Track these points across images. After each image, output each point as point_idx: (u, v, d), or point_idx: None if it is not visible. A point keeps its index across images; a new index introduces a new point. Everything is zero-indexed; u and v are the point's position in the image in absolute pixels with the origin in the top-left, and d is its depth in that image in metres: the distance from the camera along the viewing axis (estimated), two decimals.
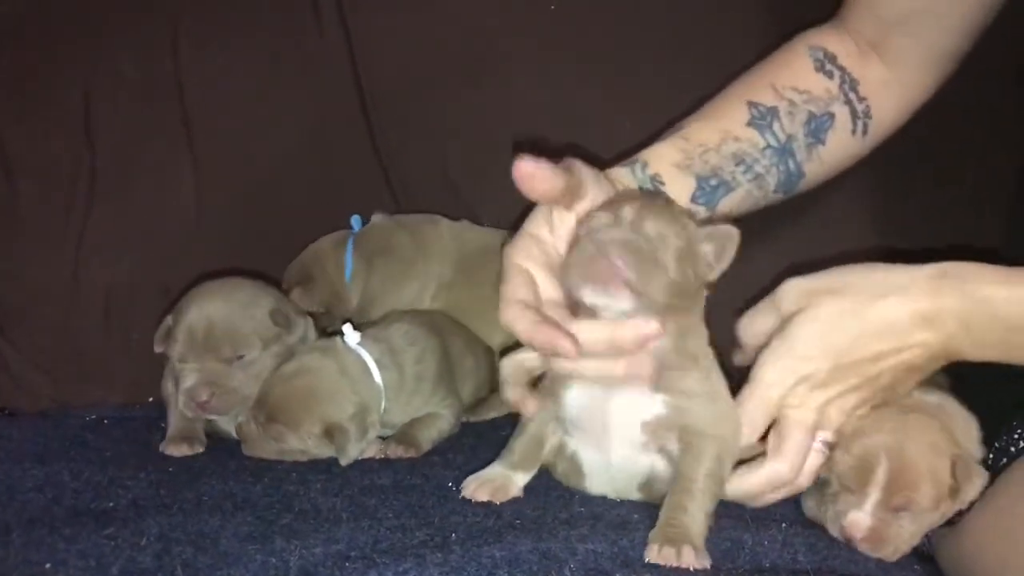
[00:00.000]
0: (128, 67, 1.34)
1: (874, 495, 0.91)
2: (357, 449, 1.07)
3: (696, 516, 0.84)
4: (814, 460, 0.90)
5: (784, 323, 0.89)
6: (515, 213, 1.33)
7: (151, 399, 1.24)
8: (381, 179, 1.37)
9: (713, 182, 1.03)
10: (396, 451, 1.09)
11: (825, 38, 1.08)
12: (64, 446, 1.10)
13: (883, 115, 1.08)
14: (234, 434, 1.12)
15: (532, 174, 0.86)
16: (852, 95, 1.06)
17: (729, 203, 1.05)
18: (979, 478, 0.94)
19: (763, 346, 0.91)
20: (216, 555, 0.82)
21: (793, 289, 0.90)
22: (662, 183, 1.01)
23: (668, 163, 1.02)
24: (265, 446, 1.09)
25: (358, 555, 0.81)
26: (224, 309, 1.12)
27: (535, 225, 0.93)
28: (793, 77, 1.06)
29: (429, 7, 1.34)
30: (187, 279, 1.23)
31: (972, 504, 0.94)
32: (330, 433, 1.07)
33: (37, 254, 1.31)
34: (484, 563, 0.79)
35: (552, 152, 0.89)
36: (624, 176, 1.00)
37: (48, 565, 0.81)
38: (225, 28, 1.35)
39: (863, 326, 0.86)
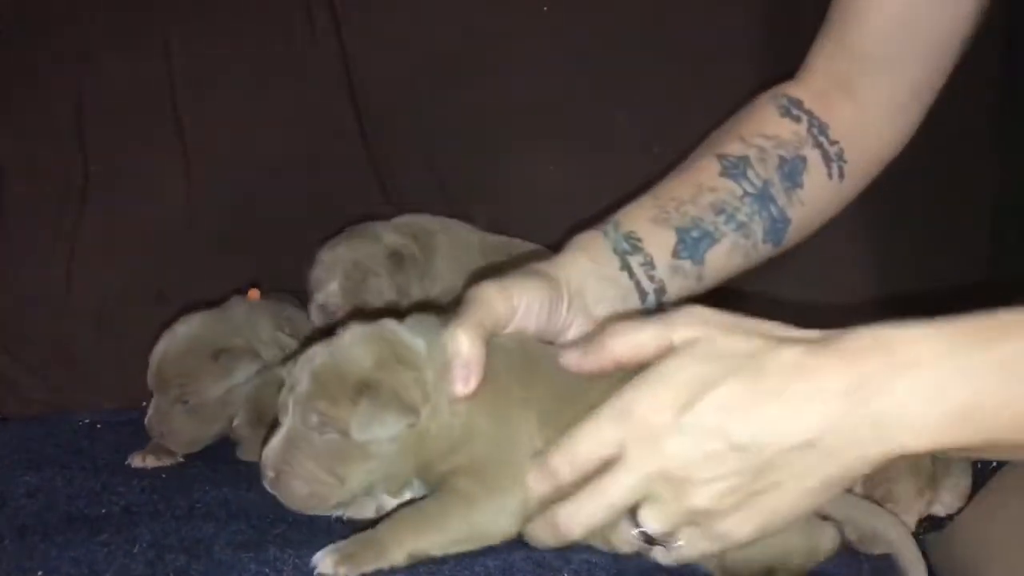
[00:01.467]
0: (120, 72, 1.34)
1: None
2: None
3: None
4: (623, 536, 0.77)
5: (666, 353, 0.72)
6: (509, 215, 1.34)
7: (144, 404, 1.23)
8: (375, 183, 1.37)
9: (695, 234, 0.97)
10: None
11: (789, 87, 1.06)
12: (57, 452, 1.10)
13: (859, 157, 1.04)
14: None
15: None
16: (822, 138, 1.02)
17: (716, 256, 0.98)
18: (960, 474, 0.95)
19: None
20: (210, 563, 0.82)
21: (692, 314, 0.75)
22: (639, 240, 0.95)
23: (643, 219, 0.97)
24: (257, 449, 1.08)
25: None
26: (175, 351, 1.12)
27: None
28: (759, 125, 1.03)
29: (423, 11, 1.34)
30: (180, 284, 1.22)
31: (962, 508, 0.95)
32: None
33: (29, 258, 1.31)
34: (478, 572, 0.79)
35: None
36: (594, 241, 0.95)
37: (40, 572, 0.81)
38: (217, 32, 1.35)
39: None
